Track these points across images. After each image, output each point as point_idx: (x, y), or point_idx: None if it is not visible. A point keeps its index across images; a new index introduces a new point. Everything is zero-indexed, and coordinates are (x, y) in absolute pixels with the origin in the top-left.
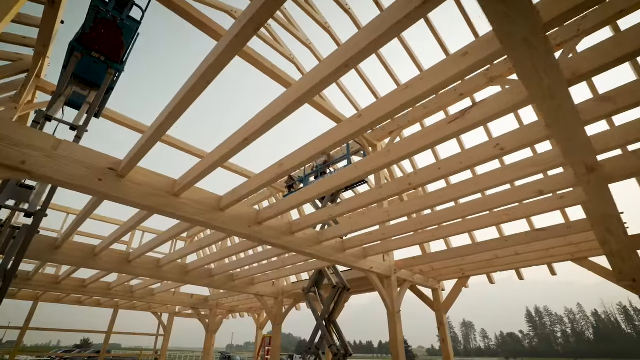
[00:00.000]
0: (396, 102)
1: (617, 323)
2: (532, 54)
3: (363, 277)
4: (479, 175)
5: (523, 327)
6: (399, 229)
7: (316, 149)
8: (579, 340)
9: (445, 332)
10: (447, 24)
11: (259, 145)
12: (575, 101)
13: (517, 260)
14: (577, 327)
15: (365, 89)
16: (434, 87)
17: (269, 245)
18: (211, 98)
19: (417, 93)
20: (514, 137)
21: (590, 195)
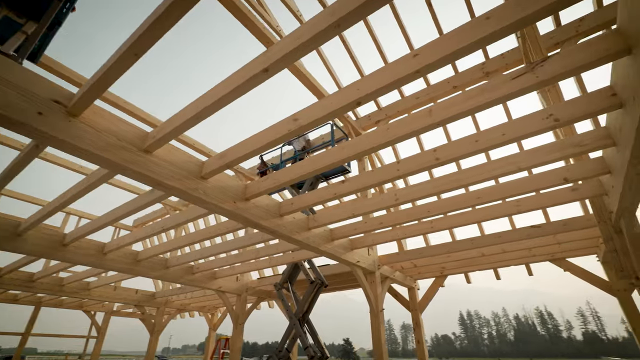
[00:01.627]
0: (407, 69)
1: (534, 326)
2: None
3: (339, 273)
4: (515, 154)
5: (456, 330)
6: (394, 219)
7: (335, 105)
8: (502, 342)
9: (421, 333)
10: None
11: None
12: None
13: (499, 260)
14: (501, 329)
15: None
16: (447, 55)
17: (255, 227)
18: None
19: (429, 61)
20: (574, 106)
21: (625, 186)
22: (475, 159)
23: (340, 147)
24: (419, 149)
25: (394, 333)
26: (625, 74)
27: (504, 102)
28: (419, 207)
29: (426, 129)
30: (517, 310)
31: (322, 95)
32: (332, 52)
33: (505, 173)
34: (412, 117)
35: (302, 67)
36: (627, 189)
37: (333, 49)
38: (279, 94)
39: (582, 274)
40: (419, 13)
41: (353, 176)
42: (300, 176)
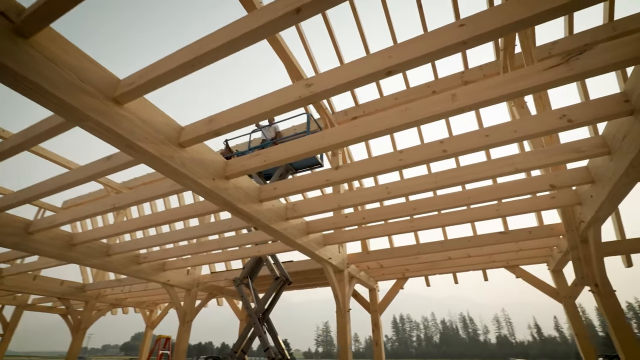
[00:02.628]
0: (452, 38)
1: (457, 330)
2: None
3: (303, 270)
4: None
5: (389, 333)
6: (378, 215)
7: (360, 72)
8: (428, 344)
9: (380, 334)
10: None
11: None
12: None
13: (462, 264)
14: (429, 332)
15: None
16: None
17: (232, 211)
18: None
19: (476, 33)
20: (587, 109)
21: (610, 195)
22: (472, 157)
23: (330, 132)
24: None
25: (330, 335)
26: None
27: (533, 93)
28: (404, 204)
29: (450, 114)
30: (444, 315)
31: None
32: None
33: (503, 173)
34: (429, 101)
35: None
36: (609, 198)
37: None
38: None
39: (533, 281)
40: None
41: (348, 164)
42: (295, 156)
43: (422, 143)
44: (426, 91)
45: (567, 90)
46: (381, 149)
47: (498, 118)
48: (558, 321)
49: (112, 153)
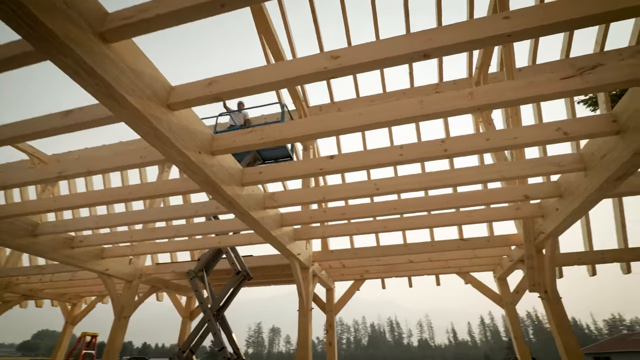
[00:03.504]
0: (496, 29)
1: (384, 333)
2: None
3: (263, 266)
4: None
5: (320, 335)
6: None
7: (394, 51)
8: (357, 347)
9: (334, 335)
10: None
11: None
12: None
13: (420, 268)
14: (358, 335)
15: None
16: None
17: (212, 191)
18: None
19: (521, 27)
20: (581, 124)
21: (576, 210)
22: (464, 161)
23: (329, 117)
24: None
25: (262, 336)
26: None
27: (547, 100)
28: (379, 203)
29: (464, 111)
30: (374, 318)
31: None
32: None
33: (490, 179)
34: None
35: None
36: (575, 212)
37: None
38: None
39: (480, 287)
40: None
41: (345, 154)
42: (290, 138)
43: (420, 141)
44: (402, 97)
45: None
46: (371, 144)
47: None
48: (471, 327)
49: (73, 108)
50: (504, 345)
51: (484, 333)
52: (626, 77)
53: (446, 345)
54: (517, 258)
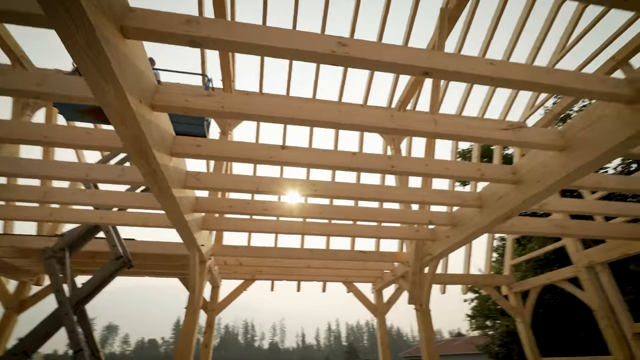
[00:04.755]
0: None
1: (237, 335)
2: None
3: (149, 254)
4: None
5: (167, 334)
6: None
7: (406, 58)
8: None
9: (212, 335)
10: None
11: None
12: None
13: (313, 274)
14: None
15: None
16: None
17: (138, 154)
18: None
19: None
20: (493, 170)
21: (465, 239)
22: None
23: (283, 102)
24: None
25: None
26: (540, 162)
27: (488, 144)
28: (308, 205)
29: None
30: (229, 320)
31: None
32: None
33: (413, 201)
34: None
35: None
36: (463, 240)
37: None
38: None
39: (360, 296)
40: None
41: (300, 147)
42: (258, 116)
43: (371, 154)
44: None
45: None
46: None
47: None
48: (319, 332)
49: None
50: (343, 349)
51: (328, 338)
52: (539, 141)
53: (294, 349)
54: (400, 274)
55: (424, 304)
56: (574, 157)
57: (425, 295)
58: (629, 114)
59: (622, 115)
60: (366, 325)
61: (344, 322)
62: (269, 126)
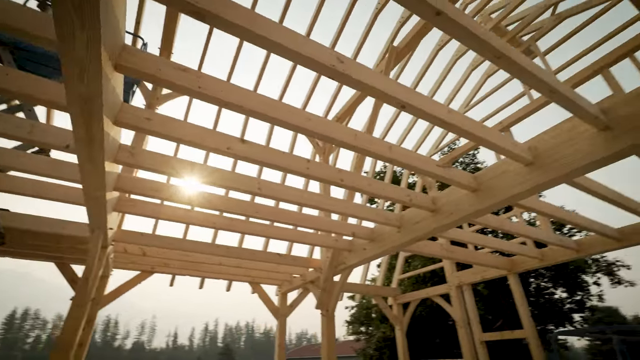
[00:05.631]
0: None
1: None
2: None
3: (28, 230)
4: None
5: None
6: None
7: (384, 87)
8: (49, 346)
9: (90, 332)
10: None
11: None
12: None
13: (222, 272)
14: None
15: None
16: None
17: (80, 116)
18: None
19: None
20: (420, 198)
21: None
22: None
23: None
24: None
25: None
26: (456, 198)
27: (429, 177)
28: (236, 201)
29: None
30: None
31: None
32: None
33: (345, 213)
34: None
35: None
36: (378, 254)
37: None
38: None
39: (264, 298)
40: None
41: (253, 143)
42: (236, 106)
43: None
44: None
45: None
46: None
47: None
48: (194, 332)
49: None
50: (218, 350)
51: (203, 338)
52: (461, 181)
53: (162, 349)
54: (310, 279)
55: (330, 310)
56: (482, 199)
57: (333, 301)
58: (526, 172)
59: (520, 173)
60: (246, 327)
61: (223, 322)
62: (200, 108)
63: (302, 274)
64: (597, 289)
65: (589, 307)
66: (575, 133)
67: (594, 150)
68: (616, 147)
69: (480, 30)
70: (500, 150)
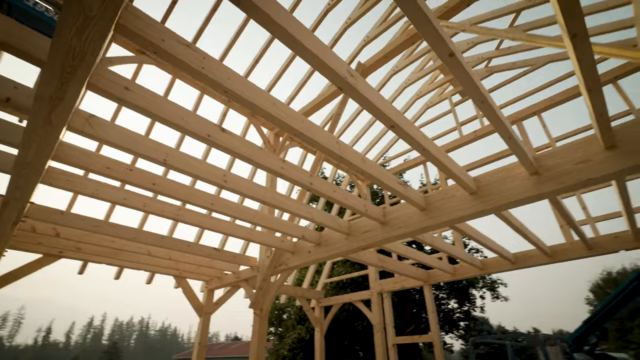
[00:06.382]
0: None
1: None
2: None
3: None
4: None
5: None
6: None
7: (381, 105)
8: None
9: None
10: None
11: None
12: None
13: (146, 262)
14: None
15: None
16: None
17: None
18: None
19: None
20: (376, 211)
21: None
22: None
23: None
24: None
25: None
26: (405, 213)
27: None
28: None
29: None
30: None
31: None
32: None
33: (299, 215)
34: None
35: None
36: (321, 258)
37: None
38: None
39: (188, 293)
40: None
41: (253, 143)
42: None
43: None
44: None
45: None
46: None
47: None
48: (73, 327)
49: None
50: (103, 349)
51: (84, 335)
52: (413, 199)
53: (28, 346)
54: (244, 277)
55: (264, 310)
56: (429, 217)
57: (268, 301)
58: (470, 199)
59: (465, 200)
60: (140, 324)
61: (113, 317)
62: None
63: (235, 272)
64: (480, 302)
65: (472, 316)
66: (513, 173)
67: (524, 190)
68: (541, 189)
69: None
70: (454, 176)
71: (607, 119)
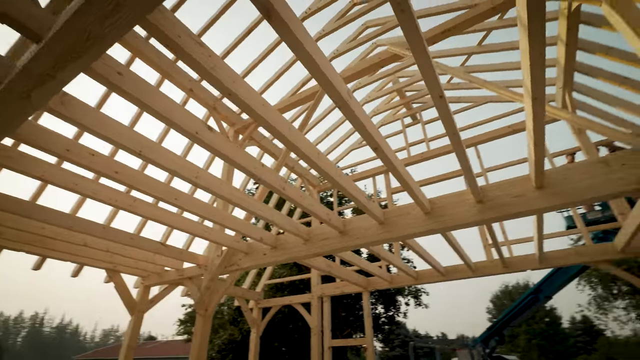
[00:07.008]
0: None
1: None
2: None
3: None
4: None
5: None
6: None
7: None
8: None
9: None
10: None
11: None
12: None
13: (85, 254)
14: None
15: None
16: None
17: None
18: None
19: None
20: (334, 218)
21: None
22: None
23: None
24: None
25: None
26: (364, 225)
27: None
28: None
29: None
30: None
31: None
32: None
33: (255, 213)
34: None
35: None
36: (275, 262)
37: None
38: None
39: (121, 289)
40: None
41: (231, 141)
42: None
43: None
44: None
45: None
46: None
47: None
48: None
49: None
50: None
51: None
52: (374, 213)
53: None
54: (188, 275)
55: (209, 310)
56: (386, 231)
57: (214, 302)
58: (424, 218)
59: (419, 218)
60: (31, 319)
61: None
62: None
63: (178, 269)
64: (405, 308)
65: (396, 321)
66: (463, 199)
67: (471, 215)
68: (484, 216)
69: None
70: (414, 195)
71: (542, 165)
